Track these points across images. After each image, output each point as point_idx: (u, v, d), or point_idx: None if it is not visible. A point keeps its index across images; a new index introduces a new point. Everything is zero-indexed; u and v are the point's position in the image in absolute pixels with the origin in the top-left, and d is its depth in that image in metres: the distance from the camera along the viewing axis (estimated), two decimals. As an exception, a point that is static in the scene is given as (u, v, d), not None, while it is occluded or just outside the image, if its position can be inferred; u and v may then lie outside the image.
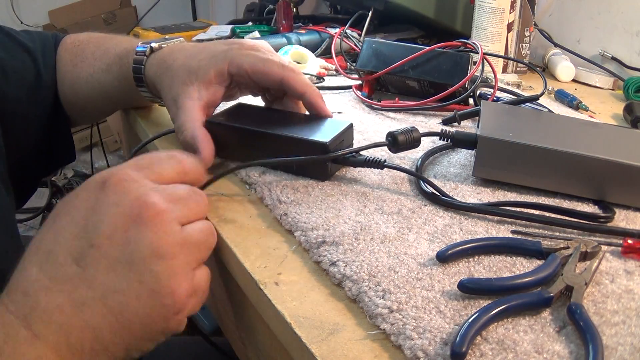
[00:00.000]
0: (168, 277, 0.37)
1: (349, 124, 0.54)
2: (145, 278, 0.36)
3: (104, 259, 0.36)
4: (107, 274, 0.36)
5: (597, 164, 0.49)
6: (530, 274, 0.39)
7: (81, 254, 0.36)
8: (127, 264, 0.36)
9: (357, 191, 0.51)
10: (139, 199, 0.37)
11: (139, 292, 0.36)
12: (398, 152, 0.56)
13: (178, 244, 0.38)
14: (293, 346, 0.36)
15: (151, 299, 0.36)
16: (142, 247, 0.36)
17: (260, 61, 0.53)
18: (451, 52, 0.74)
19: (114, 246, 0.36)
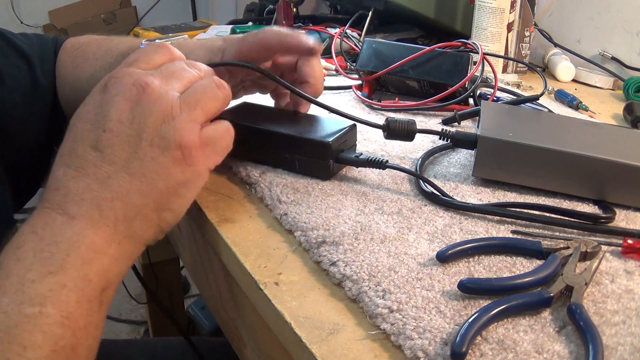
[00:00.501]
0: (173, 133, 0.40)
1: (352, 124, 0.54)
2: (154, 140, 0.40)
3: (116, 138, 0.40)
4: (122, 149, 0.40)
5: (597, 164, 0.49)
6: (530, 274, 0.39)
7: (97, 140, 0.40)
8: (136, 135, 0.40)
9: (357, 191, 0.51)
10: (135, 82, 0.41)
11: (152, 153, 0.40)
12: (390, 139, 0.56)
13: (177, 105, 0.41)
14: (293, 346, 0.36)
15: (163, 155, 0.40)
16: (146, 117, 0.40)
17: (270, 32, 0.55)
18: (451, 52, 0.74)
19: (123, 125, 0.40)
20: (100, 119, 0.41)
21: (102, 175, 0.40)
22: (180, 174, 0.41)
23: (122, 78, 0.42)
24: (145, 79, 0.42)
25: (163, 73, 0.43)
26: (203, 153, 0.42)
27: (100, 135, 0.40)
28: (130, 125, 0.40)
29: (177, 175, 0.41)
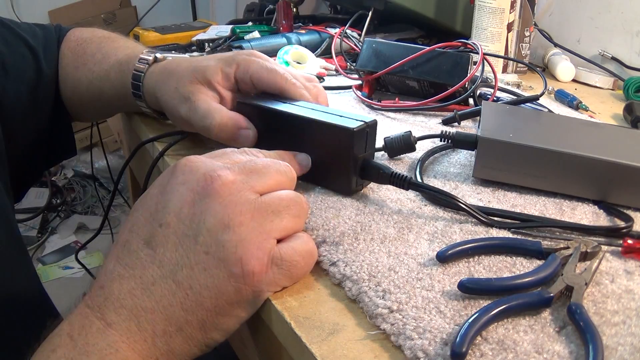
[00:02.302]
0: (235, 245, 0.35)
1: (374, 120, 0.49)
2: (211, 249, 0.35)
3: (172, 236, 0.36)
4: (175, 251, 0.35)
5: (597, 165, 0.49)
6: (530, 274, 0.39)
7: (151, 235, 0.36)
8: (193, 237, 0.35)
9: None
10: (206, 173, 0.37)
11: (206, 263, 0.35)
12: (393, 156, 0.58)
13: (248, 211, 0.36)
14: (293, 346, 0.36)
15: (218, 269, 0.35)
16: (207, 218, 0.35)
17: (265, 70, 0.53)
18: (451, 52, 0.74)
19: (181, 221, 0.36)
20: (159, 209, 0.36)
21: (148, 279, 0.35)
22: (234, 294, 0.35)
23: (193, 164, 0.37)
24: (218, 172, 0.37)
25: (245, 167, 0.38)
26: (269, 274, 0.36)
27: (156, 230, 0.36)
28: (188, 222, 0.36)
29: (230, 294, 0.35)
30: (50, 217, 2.33)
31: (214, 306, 0.35)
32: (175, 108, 0.55)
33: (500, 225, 0.46)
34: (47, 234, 2.25)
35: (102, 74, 0.63)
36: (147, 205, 0.38)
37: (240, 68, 0.54)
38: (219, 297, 0.35)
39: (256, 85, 0.54)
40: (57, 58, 0.66)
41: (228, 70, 0.54)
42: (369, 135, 0.48)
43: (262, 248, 0.36)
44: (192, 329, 0.35)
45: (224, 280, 0.35)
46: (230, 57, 0.55)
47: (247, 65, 0.53)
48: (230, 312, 0.36)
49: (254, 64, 0.53)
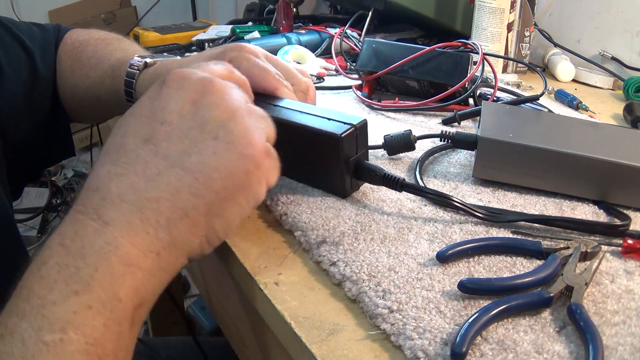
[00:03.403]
0: (243, 130, 0.37)
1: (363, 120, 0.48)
2: (220, 134, 0.36)
3: (175, 130, 0.36)
4: (180, 141, 0.36)
5: (597, 165, 0.49)
6: (530, 274, 0.39)
7: (151, 133, 0.36)
8: (199, 127, 0.36)
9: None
10: (202, 79, 0.38)
11: (215, 147, 0.36)
12: (393, 155, 0.58)
13: (246, 109, 0.38)
14: (293, 346, 0.36)
15: (228, 151, 0.36)
16: (212, 110, 0.37)
17: (257, 68, 0.52)
18: (451, 52, 0.74)
19: (184, 117, 0.36)
20: (157, 111, 0.37)
21: (152, 171, 0.35)
22: (243, 176, 0.37)
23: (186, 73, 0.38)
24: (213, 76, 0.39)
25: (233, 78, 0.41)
26: (267, 162, 0.38)
27: (157, 127, 0.36)
28: (192, 117, 0.37)
29: (239, 175, 0.37)
30: (50, 217, 2.32)
31: (223, 188, 0.36)
32: None
33: (498, 220, 0.46)
34: (47, 234, 2.25)
35: (97, 79, 0.63)
36: (140, 111, 0.37)
37: None
38: (228, 179, 0.36)
39: None
40: (55, 59, 0.66)
41: None
42: (358, 137, 0.47)
43: (262, 137, 0.38)
44: (197, 214, 0.35)
45: (234, 161, 0.36)
46: (220, 53, 0.54)
47: (238, 62, 0.52)
48: (235, 198, 0.37)
49: (245, 62, 0.52)
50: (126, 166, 0.35)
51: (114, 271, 0.32)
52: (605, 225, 0.46)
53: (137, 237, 0.34)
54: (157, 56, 0.61)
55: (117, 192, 0.34)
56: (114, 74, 0.61)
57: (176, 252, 0.35)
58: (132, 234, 0.33)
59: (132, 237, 0.33)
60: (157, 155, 0.35)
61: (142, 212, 0.34)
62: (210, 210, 0.36)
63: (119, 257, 0.33)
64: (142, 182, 0.35)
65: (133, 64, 0.59)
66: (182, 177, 0.35)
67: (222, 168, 0.36)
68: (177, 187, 0.35)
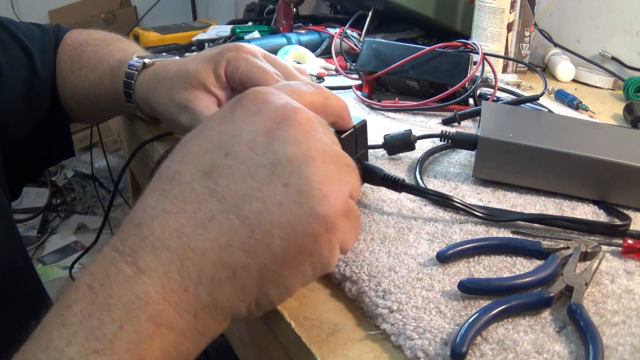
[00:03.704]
0: (322, 181, 0.30)
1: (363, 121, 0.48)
2: (292, 180, 0.30)
3: (241, 166, 0.30)
4: (243, 182, 0.30)
5: (597, 165, 0.49)
6: (531, 274, 0.39)
7: (213, 165, 0.30)
8: (269, 166, 0.30)
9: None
10: (284, 104, 0.32)
11: (283, 196, 0.29)
12: (392, 154, 0.58)
13: (330, 153, 0.32)
14: (293, 346, 0.36)
15: (298, 204, 0.29)
16: (288, 147, 0.30)
17: (256, 68, 0.51)
18: (451, 52, 0.74)
19: (254, 151, 0.30)
20: (225, 139, 0.31)
21: (204, 214, 0.29)
22: (310, 240, 0.30)
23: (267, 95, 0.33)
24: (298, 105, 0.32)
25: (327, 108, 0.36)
26: (344, 224, 0.31)
27: (220, 159, 0.30)
28: (263, 151, 0.30)
29: (305, 238, 0.30)
30: (50, 217, 2.33)
31: (283, 251, 0.30)
32: (174, 118, 0.54)
33: (498, 219, 0.46)
34: (47, 234, 2.25)
35: (96, 80, 0.63)
36: (207, 134, 0.32)
37: (229, 66, 0.52)
38: (292, 240, 0.30)
39: (245, 85, 0.52)
40: (54, 60, 0.66)
41: (219, 69, 0.52)
42: (358, 138, 0.47)
43: (343, 192, 0.31)
44: (248, 276, 0.30)
45: (303, 218, 0.30)
46: (218, 54, 0.53)
47: (237, 63, 0.52)
48: (297, 264, 0.31)
49: (244, 62, 0.52)
50: (176, 202, 0.30)
51: (142, 331, 0.28)
52: (605, 225, 0.46)
53: (174, 293, 0.29)
54: (156, 56, 0.61)
55: (161, 234, 0.29)
56: (113, 74, 0.61)
57: (217, 316, 0.30)
58: (167, 290, 0.28)
59: (168, 293, 0.28)
60: (213, 195, 0.30)
61: (182, 265, 0.29)
62: (264, 275, 0.30)
63: (149, 315, 0.28)
64: (191, 227, 0.29)
65: (132, 65, 0.59)
66: (237, 229, 0.29)
67: (286, 224, 0.29)
68: (229, 240, 0.29)
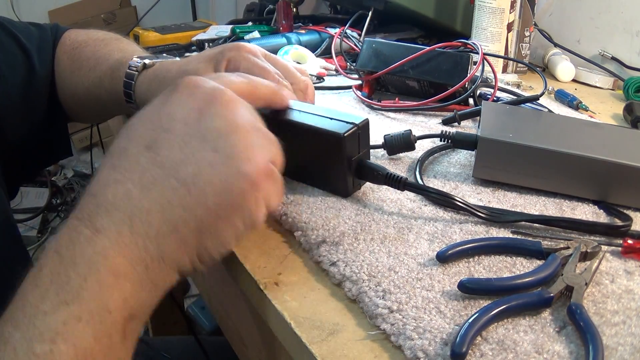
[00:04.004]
0: (245, 146, 0.35)
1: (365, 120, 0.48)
2: (220, 146, 0.35)
3: (177, 138, 0.35)
4: (180, 151, 0.35)
5: (597, 165, 0.49)
6: (531, 274, 0.39)
7: (154, 140, 0.35)
8: (200, 137, 0.35)
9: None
10: (214, 89, 0.37)
11: (213, 159, 0.34)
12: (392, 154, 0.58)
13: (253, 125, 0.37)
14: (293, 346, 0.36)
15: (226, 166, 0.34)
16: (216, 120, 0.35)
17: (257, 67, 0.52)
18: (451, 52, 0.74)
19: (188, 125, 0.35)
20: (163, 117, 0.36)
21: (147, 180, 0.34)
22: (238, 195, 0.35)
23: (198, 80, 0.38)
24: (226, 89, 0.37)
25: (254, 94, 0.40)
26: (266, 185, 0.36)
27: (160, 134, 0.35)
28: (196, 126, 0.35)
29: (234, 194, 0.35)
30: (50, 217, 2.32)
31: (216, 205, 0.34)
32: None
33: (499, 220, 0.46)
34: (47, 234, 2.25)
35: (96, 81, 0.63)
36: (148, 115, 0.37)
37: (230, 65, 0.52)
38: (222, 195, 0.34)
39: None
40: (52, 59, 0.65)
41: (219, 69, 0.53)
42: (361, 136, 0.47)
43: (265, 157, 0.36)
44: (188, 229, 0.34)
45: (231, 176, 0.34)
46: (219, 53, 0.54)
47: (237, 62, 0.52)
48: (229, 218, 0.35)
49: (244, 62, 0.52)
50: (124, 172, 0.34)
51: (103, 282, 0.32)
52: (607, 225, 0.46)
53: (126, 247, 0.33)
54: (156, 57, 0.61)
55: (112, 199, 0.34)
56: (113, 75, 0.61)
57: (165, 267, 0.34)
58: (121, 245, 0.33)
59: (121, 248, 0.33)
60: (155, 164, 0.34)
61: (132, 222, 0.33)
62: (201, 228, 0.35)
63: (107, 268, 0.32)
64: (137, 191, 0.34)
65: (132, 65, 0.59)
66: (176, 189, 0.34)
67: (216, 182, 0.34)
68: (169, 199, 0.34)
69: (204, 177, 0.34)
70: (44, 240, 2.21)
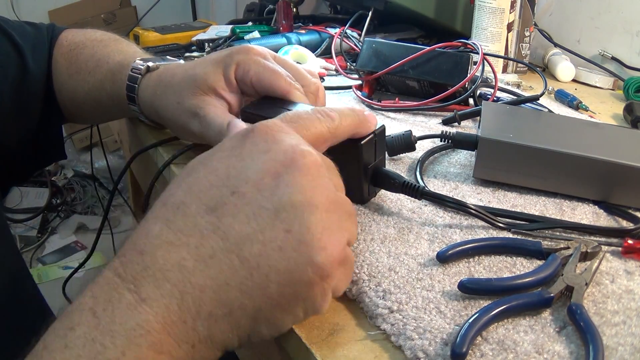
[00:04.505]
0: (322, 231, 0.31)
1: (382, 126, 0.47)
2: (294, 227, 0.30)
3: (246, 207, 0.31)
4: (247, 223, 0.31)
5: (597, 165, 0.49)
6: (531, 274, 0.39)
7: (219, 202, 0.31)
8: (274, 210, 0.31)
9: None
10: (293, 146, 0.32)
11: (284, 242, 0.30)
12: (393, 155, 0.58)
13: (333, 201, 0.32)
14: (293, 346, 0.36)
15: (297, 252, 0.30)
16: (294, 193, 0.31)
17: (268, 71, 0.50)
18: (451, 52, 0.74)
19: (260, 192, 0.31)
20: (232, 175, 0.32)
21: (206, 250, 0.30)
22: (305, 287, 0.31)
23: (275, 133, 0.33)
24: (307, 147, 0.33)
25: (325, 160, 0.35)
26: (338, 272, 0.33)
27: (225, 197, 0.31)
28: (269, 194, 0.31)
29: (301, 284, 0.31)
30: (50, 217, 2.33)
31: (278, 295, 0.31)
32: (184, 125, 0.53)
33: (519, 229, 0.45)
34: (47, 234, 2.25)
35: (96, 84, 0.61)
36: (215, 167, 0.33)
37: (239, 69, 0.51)
38: (287, 286, 0.31)
39: (257, 88, 0.51)
40: (48, 59, 0.64)
41: (229, 72, 0.51)
42: (377, 143, 0.46)
43: (342, 243, 0.32)
44: (243, 315, 0.31)
45: (301, 266, 0.31)
46: (227, 56, 0.52)
47: (247, 65, 0.51)
48: (291, 308, 0.32)
49: (254, 65, 0.51)
50: (180, 235, 0.31)
51: (143, 358, 0.29)
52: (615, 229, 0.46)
53: (173, 325, 0.30)
54: (159, 59, 0.60)
55: (163, 265, 0.30)
56: (114, 78, 0.60)
57: (212, 347, 0.31)
58: (168, 321, 0.29)
59: (168, 325, 0.30)
60: (216, 232, 0.31)
61: (183, 298, 0.30)
62: (258, 315, 0.31)
63: (149, 343, 0.29)
64: (192, 262, 0.30)
65: (134, 68, 0.58)
66: (237, 269, 0.30)
67: (283, 271, 0.30)
68: (228, 279, 0.30)
69: (271, 262, 0.30)
70: (44, 240, 2.21)
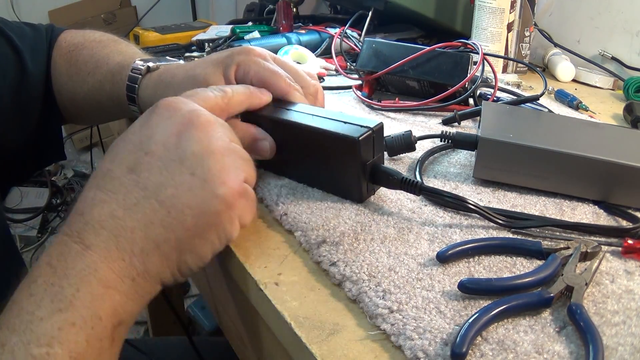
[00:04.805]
0: (219, 170, 0.38)
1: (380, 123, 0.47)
2: (197, 170, 0.38)
3: (157, 162, 0.38)
4: (160, 174, 0.38)
5: (597, 165, 0.49)
6: (531, 274, 0.39)
7: (136, 162, 0.38)
8: (179, 161, 0.38)
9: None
10: (191, 111, 0.40)
11: (191, 184, 0.38)
12: (393, 155, 0.58)
13: (226, 147, 0.39)
14: (293, 346, 0.36)
15: (203, 189, 0.38)
16: (193, 145, 0.38)
17: (268, 72, 0.51)
18: (451, 52, 0.74)
19: (167, 149, 0.38)
20: (144, 140, 0.39)
21: (131, 201, 0.37)
22: (214, 216, 0.38)
23: (175, 103, 0.40)
24: (202, 110, 0.40)
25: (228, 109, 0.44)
26: (240, 203, 0.40)
27: (141, 157, 0.38)
28: (174, 149, 0.38)
29: (210, 215, 0.38)
30: (50, 217, 2.33)
31: (194, 225, 0.38)
32: None
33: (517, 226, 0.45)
34: (47, 234, 2.25)
35: (96, 85, 0.61)
36: (130, 138, 0.40)
37: (240, 69, 0.51)
38: (199, 217, 0.38)
39: None
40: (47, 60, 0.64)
41: (229, 73, 0.51)
42: (375, 140, 0.46)
43: (239, 178, 0.39)
44: (168, 247, 0.37)
45: (207, 200, 0.38)
46: (227, 57, 0.52)
47: (248, 66, 0.51)
48: (206, 236, 0.39)
49: (255, 66, 0.51)
50: (110, 193, 0.37)
51: (94, 292, 0.35)
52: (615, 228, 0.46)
53: (114, 262, 0.36)
54: (159, 60, 0.60)
55: (98, 218, 0.37)
56: (114, 79, 0.60)
57: (150, 280, 0.38)
58: (109, 260, 0.36)
59: (110, 263, 0.36)
60: (137, 185, 0.38)
61: (118, 240, 0.36)
62: (181, 245, 0.38)
63: (98, 280, 0.35)
64: (121, 211, 0.37)
65: (135, 69, 0.58)
66: (157, 210, 0.37)
67: (194, 205, 0.38)
68: (151, 219, 0.37)
69: (183, 200, 0.37)
70: (44, 240, 2.21)
